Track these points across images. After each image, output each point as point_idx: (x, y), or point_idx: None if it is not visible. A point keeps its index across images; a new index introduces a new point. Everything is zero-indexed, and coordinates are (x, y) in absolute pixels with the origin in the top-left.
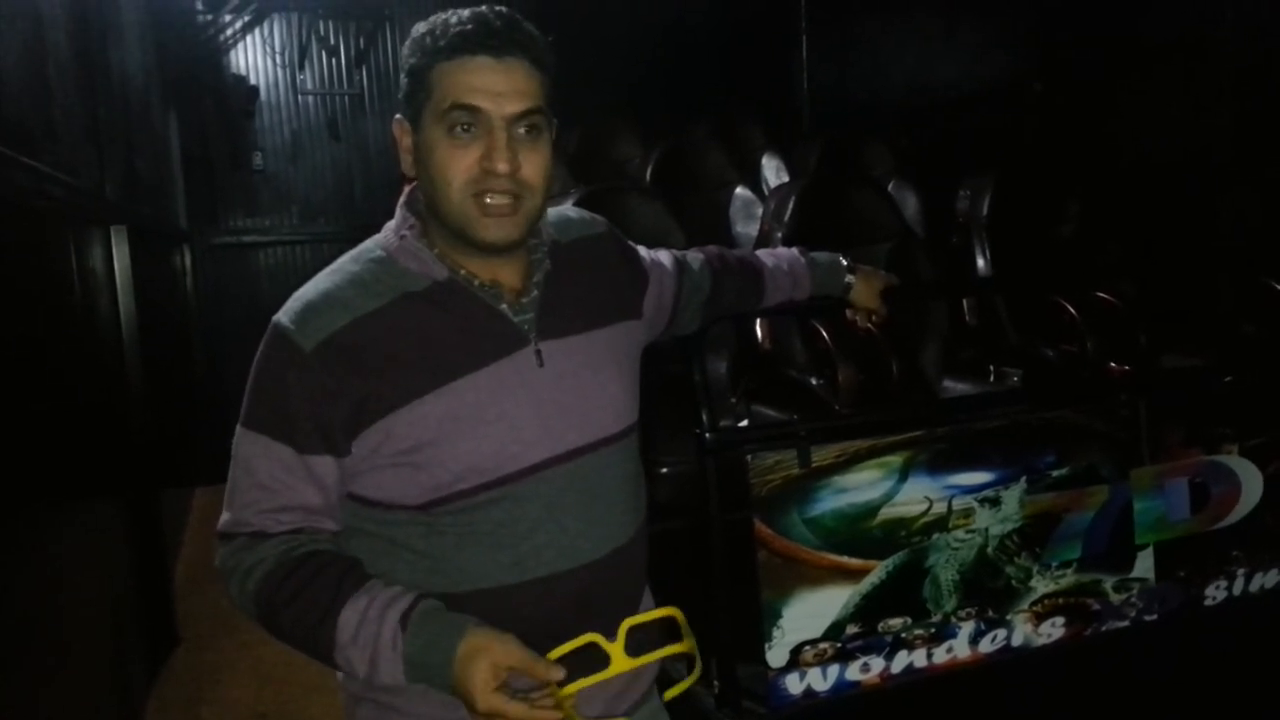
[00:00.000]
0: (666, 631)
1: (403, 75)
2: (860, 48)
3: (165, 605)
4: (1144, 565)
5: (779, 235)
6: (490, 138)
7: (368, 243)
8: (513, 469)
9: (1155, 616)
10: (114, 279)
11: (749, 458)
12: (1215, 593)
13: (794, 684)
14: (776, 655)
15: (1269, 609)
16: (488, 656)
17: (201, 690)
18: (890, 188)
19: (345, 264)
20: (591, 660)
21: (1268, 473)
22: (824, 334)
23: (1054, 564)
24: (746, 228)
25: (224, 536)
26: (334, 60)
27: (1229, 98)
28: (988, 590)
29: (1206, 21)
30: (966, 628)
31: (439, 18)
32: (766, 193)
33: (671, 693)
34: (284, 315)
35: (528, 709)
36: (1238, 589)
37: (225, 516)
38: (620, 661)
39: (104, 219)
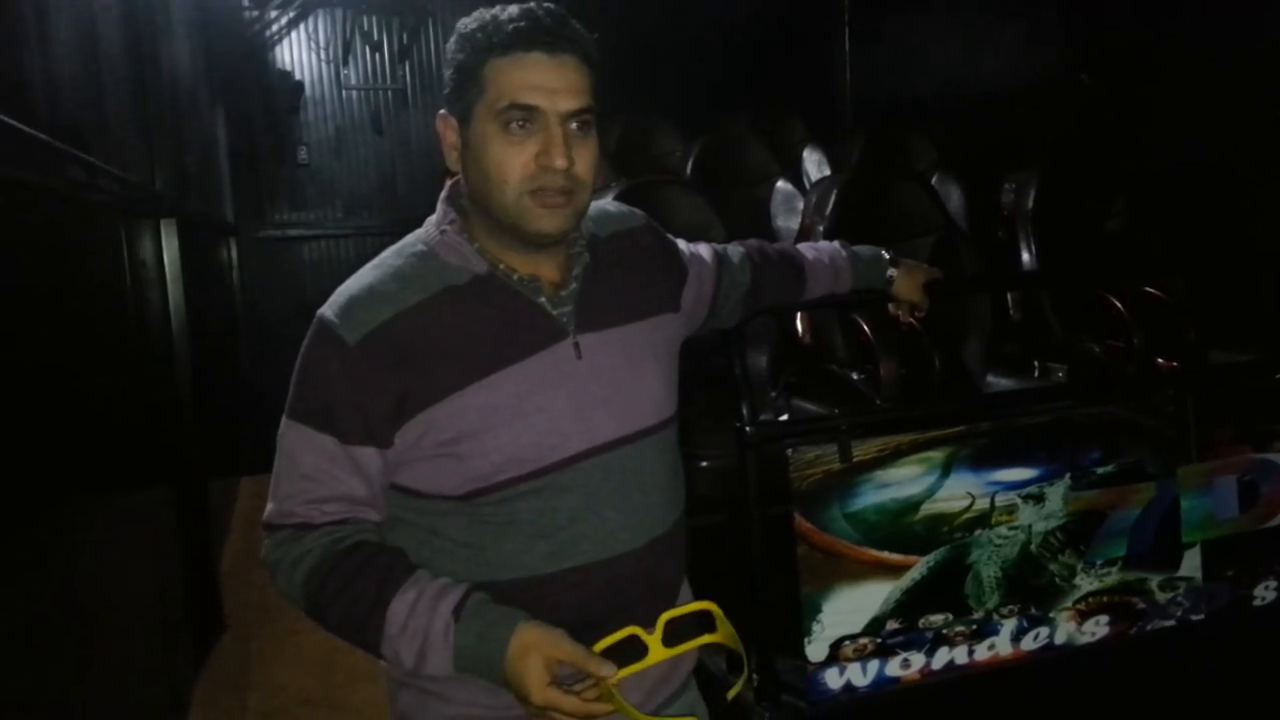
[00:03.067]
0: (706, 624)
1: (449, 71)
2: (903, 41)
3: (212, 593)
4: (1191, 564)
5: (820, 229)
6: (547, 135)
7: (410, 237)
8: (552, 460)
9: (1202, 616)
10: (164, 271)
11: (789, 452)
12: (1265, 593)
13: (833, 679)
14: (816, 650)
15: None
16: (540, 651)
17: (248, 677)
18: (934, 181)
19: (388, 258)
20: (631, 650)
21: None
22: (865, 328)
23: (1099, 562)
24: (787, 221)
25: (269, 527)
26: (377, 55)
27: (1258, 101)
28: (1031, 587)
29: (1255, 20)
30: (1009, 625)
31: (487, 14)
32: (808, 186)
33: (733, 692)
34: (329, 309)
35: (581, 702)
36: None
37: (270, 507)
38: (657, 651)
39: (154, 212)
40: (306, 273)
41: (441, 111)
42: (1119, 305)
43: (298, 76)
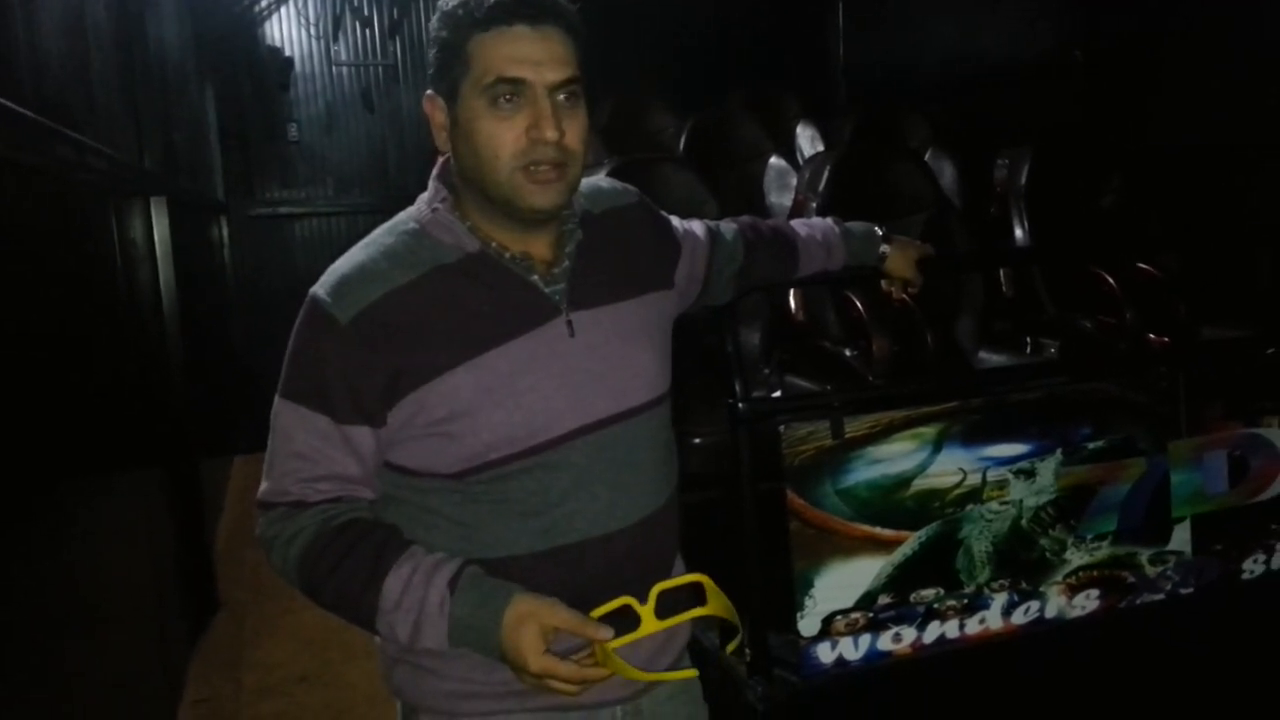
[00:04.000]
0: (698, 597)
1: (433, 50)
2: (899, 17)
3: (206, 571)
4: (1180, 538)
5: (814, 205)
6: (536, 107)
7: (401, 215)
8: (544, 438)
9: (1191, 590)
10: (154, 249)
11: (782, 428)
12: (1254, 566)
13: (825, 653)
14: (808, 624)
15: None
16: (536, 620)
17: (242, 654)
18: (927, 158)
19: (379, 237)
20: (624, 624)
21: None
22: (858, 304)
23: (1089, 536)
24: (781, 198)
25: (264, 505)
26: (368, 31)
27: (1274, 75)
28: (1021, 562)
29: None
30: (999, 599)
31: None
32: (801, 163)
33: (730, 646)
34: (320, 288)
35: (578, 668)
36: (1276, 563)
37: (264, 486)
38: (650, 623)
39: (143, 190)
40: (298, 250)
41: (428, 92)
42: (1111, 282)
43: (288, 53)
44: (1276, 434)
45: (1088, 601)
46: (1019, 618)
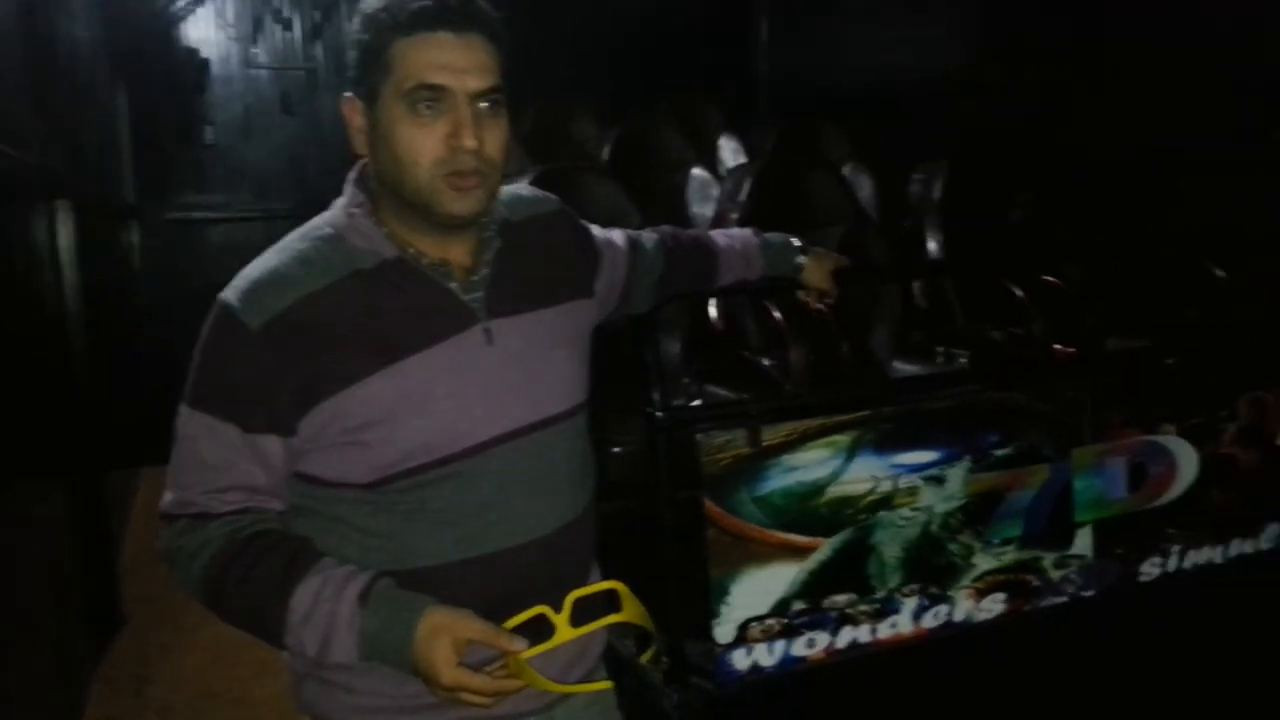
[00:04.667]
0: (613, 605)
1: (352, 53)
2: (819, 32)
3: (110, 585)
4: (1083, 543)
5: (734, 216)
6: (456, 115)
7: (316, 220)
8: (462, 447)
9: (1093, 593)
10: (58, 255)
11: (699, 437)
12: (1151, 569)
13: (741, 660)
14: (724, 632)
15: (1203, 586)
16: (448, 632)
17: (149, 670)
18: (846, 171)
19: (293, 241)
20: (540, 633)
21: (1204, 453)
22: (776, 314)
23: (996, 541)
24: (703, 208)
25: (167, 517)
26: (288, 34)
27: (1178, 93)
28: (931, 567)
29: (1161, 20)
30: (910, 604)
31: None
32: (723, 174)
33: (645, 656)
34: (230, 293)
35: (491, 680)
36: (1172, 566)
37: (168, 497)
38: (565, 631)
39: (49, 193)
40: (213, 256)
41: (346, 94)
42: (1019, 294)
43: (204, 54)
44: (1174, 441)
45: (994, 605)
46: (929, 621)
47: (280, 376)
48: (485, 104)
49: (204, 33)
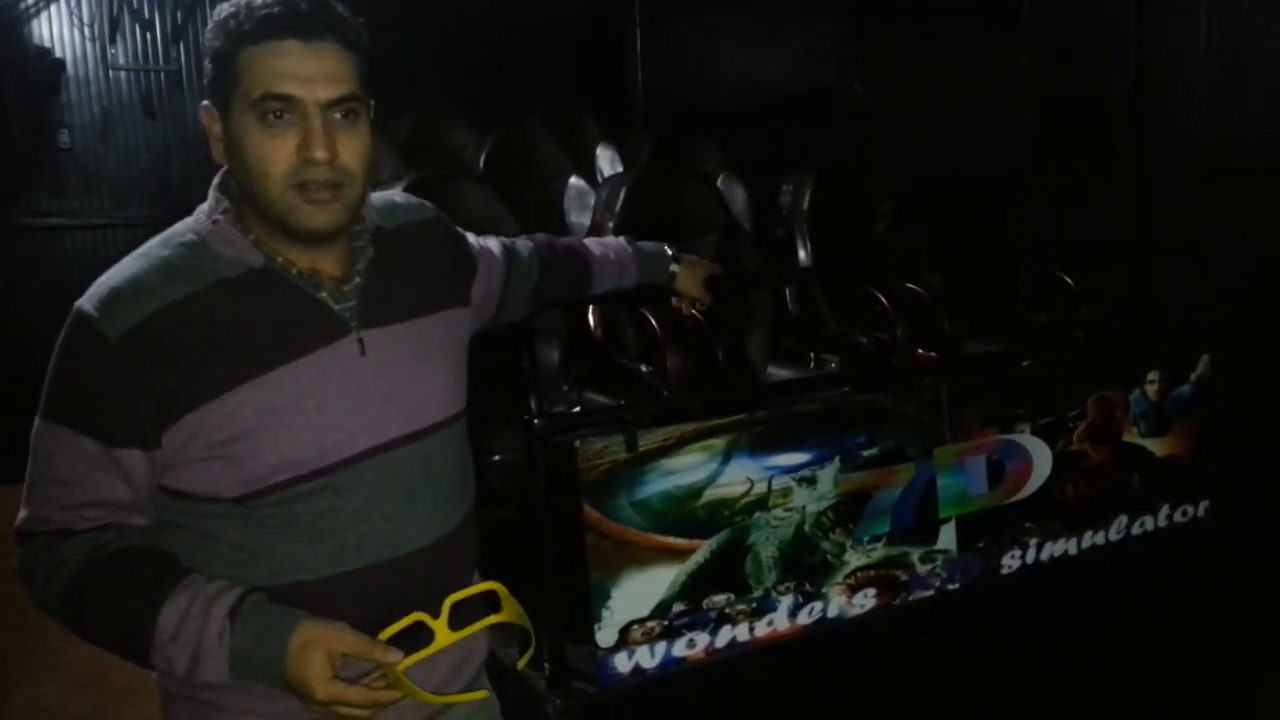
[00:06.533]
0: (493, 607)
1: (207, 60)
2: (691, 45)
3: None
4: (947, 538)
5: (611, 225)
6: (306, 125)
7: (178, 226)
8: (333, 460)
9: (957, 585)
10: None
11: (577, 443)
12: (1011, 562)
13: (623, 662)
14: (606, 635)
15: (1058, 577)
16: (322, 645)
17: (9, 698)
18: (719, 182)
19: (154, 248)
20: (418, 640)
21: (1056, 450)
22: (653, 321)
23: (865, 538)
24: (580, 217)
25: (22, 535)
26: (149, 35)
27: (1030, 111)
28: (805, 565)
29: (1010, 41)
30: (785, 601)
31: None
32: (600, 183)
33: (521, 661)
34: (87, 302)
35: (367, 692)
36: (1030, 558)
37: (23, 514)
38: (444, 636)
39: None
40: (70, 265)
41: (204, 102)
42: (884, 300)
43: (58, 54)
44: (1029, 439)
45: (866, 600)
46: (804, 618)
47: (140, 389)
48: (339, 114)
49: (57, 31)
